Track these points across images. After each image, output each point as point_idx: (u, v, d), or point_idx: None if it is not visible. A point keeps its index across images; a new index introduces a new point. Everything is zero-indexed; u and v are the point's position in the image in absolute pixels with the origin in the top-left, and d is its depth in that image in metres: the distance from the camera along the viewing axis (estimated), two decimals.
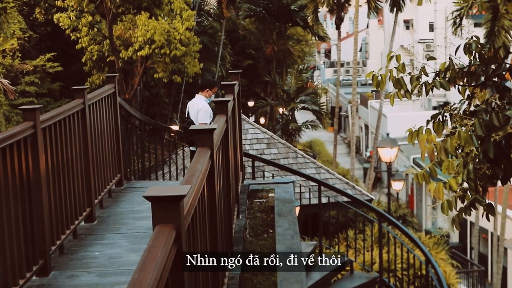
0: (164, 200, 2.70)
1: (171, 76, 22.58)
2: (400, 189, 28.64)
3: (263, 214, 8.30)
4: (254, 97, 41.89)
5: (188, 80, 25.39)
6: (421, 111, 43.70)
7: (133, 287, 2.13)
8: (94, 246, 6.27)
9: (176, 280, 2.76)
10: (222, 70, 34.21)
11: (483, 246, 31.40)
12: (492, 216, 5.18)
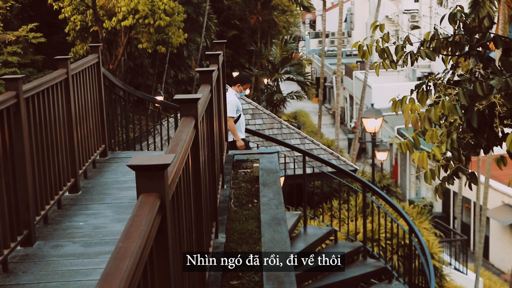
0: (148, 169, 2.70)
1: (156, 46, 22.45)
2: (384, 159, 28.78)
3: (247, 184, 8.32)
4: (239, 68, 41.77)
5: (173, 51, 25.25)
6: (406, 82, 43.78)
7: (118, 255, 2.13)
8: (79, 216, 6.27)
9: (161, 248, 2.76)
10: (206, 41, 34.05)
11: (466, 215, 31.73)
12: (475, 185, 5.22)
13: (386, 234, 12.61)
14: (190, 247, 3.90)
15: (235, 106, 9.61)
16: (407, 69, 46.47)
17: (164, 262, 2.80)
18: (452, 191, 31.65)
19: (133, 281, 2.11)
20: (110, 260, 2.10)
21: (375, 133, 22.30)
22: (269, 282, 5.17)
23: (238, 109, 9.71)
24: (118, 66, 23.24)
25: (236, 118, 9.78)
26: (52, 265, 5.11)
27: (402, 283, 9.96)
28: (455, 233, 27.41)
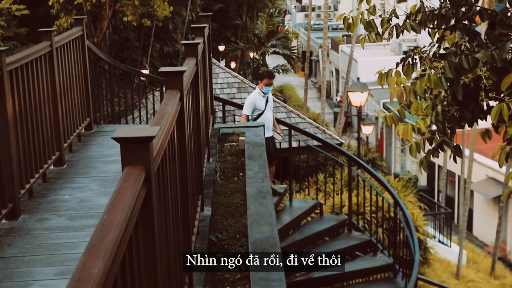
0: (133, 141, 2.68)
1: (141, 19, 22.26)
2: (370, 133, 28.86)
3: (233, 158, 8.32)
4: (225, 41, 41.58)
5: (158, 24, 25.07)
6: (392, 56, 43.74)
7: (103, 227, 2.13)
8: (64, 189, 6.25)
9: (146, 221, 2.76)
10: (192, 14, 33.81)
11: (450, 189, 31.97)
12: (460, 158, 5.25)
13: (371, 208, 12.67)
14: (176, 220, 3.90)
15: (250, 104, 9.66)
16: (393, 43, 46.46)
17: (150, 234, 2.80)
18: (437, 164, 31.84)
19: (118, 253, 2.11)
20: (95, 232, 2.09)
21: (361, 107, 22.33)
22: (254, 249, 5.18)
23: (256, 108, 9.65)
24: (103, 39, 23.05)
25: (255, 117, 9.70)
26: (37, 238, 5.10)
27: (387, 255, 10.03)
28: (440, 206, 27.62)
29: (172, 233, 3.63)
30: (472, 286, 21.53)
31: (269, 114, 9.85)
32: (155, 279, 2.84)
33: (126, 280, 2.30)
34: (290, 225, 10.03)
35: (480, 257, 25.45)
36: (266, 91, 9.66)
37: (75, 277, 1.78)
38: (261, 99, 9.74)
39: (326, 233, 10.56)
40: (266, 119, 9.80)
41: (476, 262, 24.66)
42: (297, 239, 9.89)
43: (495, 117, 4.48)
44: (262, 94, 9.67)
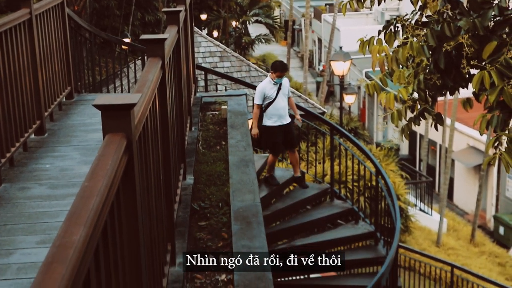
0: (114, 109, 2.66)
1: None
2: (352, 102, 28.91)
3: (215, 126, 8.31)
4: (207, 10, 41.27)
5: None
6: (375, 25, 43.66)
7: (84, 194, 2.12)
8: (45, 158, 6.22)
9: (127, 188, 2.75)
10: None
11: (432, 158, 32.18)
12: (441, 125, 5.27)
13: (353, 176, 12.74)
14: (158, 188, 3.90)
15: (260, 93, 9.57)
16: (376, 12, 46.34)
17: (131, 202, 2.79)
18: (419, 134, 32.00)
19: (100, 220, 2.10)
20: (76, 199, 2.08)
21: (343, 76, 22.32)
22: (237, 222, 5.21)
23: (266, 96, 9.55)
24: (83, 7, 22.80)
25: (265, 106, 9.61)
26: (19, 207, 5.09)
27: (368, 223, 10.11)
28: (421, 175, 27.83)
29: (154, 201, 3.63)
30: (452, 253, 21.79)
31: (281, 102, 9.66)
32: (137, 246, 2.84)
33: (108, 247, 2.29)
34: (273, 194, 10.06)
35: (460, 225, 25.72)
36: (278, 82, 9.54)
37: (56, 244, 1.77)
38: (271, 87, 9.56)
39: (308, 202, 10.60)
40: (279, 107, 9.63)
41: (456, 230, 24.93)
42: (280, 208, 9.93)
43: (476, 85, 4.49)
44: (272, 83, 9.53)
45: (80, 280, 1.79)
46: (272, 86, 9.59)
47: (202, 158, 7.10)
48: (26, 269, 4.11)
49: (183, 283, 4.40)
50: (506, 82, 4.41)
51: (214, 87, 16.22)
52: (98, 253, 2.11)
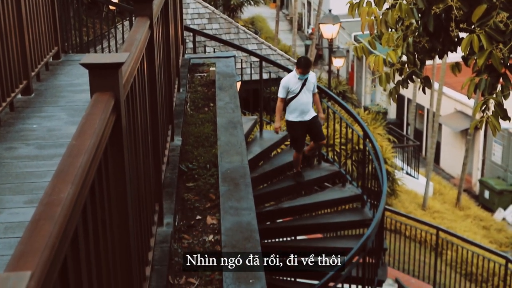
0: (101, 67, 2.65)
1: None
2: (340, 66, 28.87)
3: (204, 88, 8.28)
4: None
5: None
6: None
7: (71, 152, 2.11)
8: (32, 118, 6.19)
9: (115, 147, 2.75)
10: None
11: (419, 122, 32.29)
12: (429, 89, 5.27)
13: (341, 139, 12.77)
14: (146, 149, 3.90)
15: (283, 87, 9.44)
16: None
17: (119, 161, 2.79)
18: (406, 98, 32.05)
19: (87, 179, 2.10)
20: (64, 158, 2.08)
21: (332, 40, 22.23)
22: (224, 184, 5.22)
23: (290, 91, 9.41)
24: None
25: (288, 100, 9.47)
26: (6, 167, 5.07)
27: (355, 186, 10.17)
28: (408, 139, 27.95)
29: (142, 161, 3.63)
30: (438, 216, 21.99)
31: (304, 98, 9.46)
32: (125, 206, 2.85)
33: (95, 205, 2.30)
34: (260, 156, 10.09)
35: (446, 189, 25.93)
36: (301, 78, 9.36)
37: (44, 201, 1.77)
38: (296, 81, 9.40)
39: None
40: (301, 103, 9.45)
41: (442, 193, 25.13)
42: (267, 170, 9.97)
43: (465, 48, 4.49)
44: (297, 77, 9.36)
45: (68, 238, 1.80)
46: (296, 80, 9.41)
47: (190, 119, 7.09)
48: (13, 228, 4.12)
49: (170, 243, 4.42)
50: (495, 46, 4.41)
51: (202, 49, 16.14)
52: (86, 211, 2.12)
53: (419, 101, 29.20)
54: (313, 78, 9.60)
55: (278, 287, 9.17)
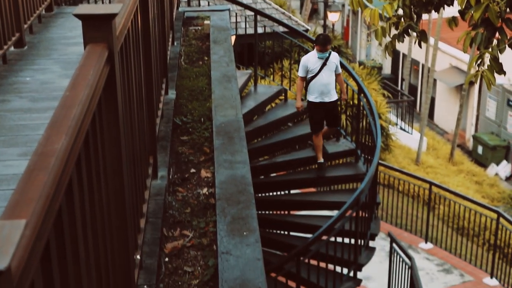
0: (95, 18, 2.62)
1: None
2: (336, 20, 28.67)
3: (198, 42, 8.23)
4: None
5: None
6: None
7: (65, 103, 2.10)
8: (25, 71, 6.15)
9: (109, 99, 2.73)
10: None
11: (414, 77, 32.23)
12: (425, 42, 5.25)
13: None
14: (140, 102, 3.88)
15: (302, 65, 9.12)
16: None
17: (113, 113, 2.78)
18: (402, 53, 31.92)
19: (81, 130, 2.09)
20: (57, 109, 2.07)
21: None
22: (218, 137, 5.22)
23: (309, 70, 9.07)
24: None
25: (308, 79, 9.16)
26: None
27: (350, 141, 10.19)
28: (403, 94, 27.93)
29: (136, 114, 3.62)
30: (431, 171, 22.12)
31: (325, 78, 9.08)
32: (119, 158, 2.85)
33: (90, 157, 2.29)
34: (255, 110, 10.08)
35: (439, 144, 26.02)
36: (321, 56, 8.99)
37: (38, 152, 1.77)
38: (316, 61, 9.04)
39: (290, 119, 10.65)
40: (321, 83, 9.08)
41: (435, 148, 25.23)
42: (261, 124, 9.97)
43: (462, 1, 4.46)
44: (317, 56, 9.01)
45: (62, 189, 1.80)
46: (316, 60, 9.07)
47: (184, 73, 7.05)
48: (8, 180, 4.12)
49: (165, 195, 4.44)
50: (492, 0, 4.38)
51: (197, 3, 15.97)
52: (80, 163, 2.11)
53: (414, 56, 29.09)
54: (336, 58, 9.20)
55: (272, 240, 9.25)
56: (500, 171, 24.88)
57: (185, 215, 4.57)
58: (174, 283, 3.90)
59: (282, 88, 10.95)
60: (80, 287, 2.02)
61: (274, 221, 9.77)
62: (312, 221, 9.36)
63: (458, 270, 13.78)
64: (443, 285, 13.20)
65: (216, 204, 4.23)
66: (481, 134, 26.79)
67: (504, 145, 25.55)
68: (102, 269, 2.42)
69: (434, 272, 13.68)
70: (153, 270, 3.65)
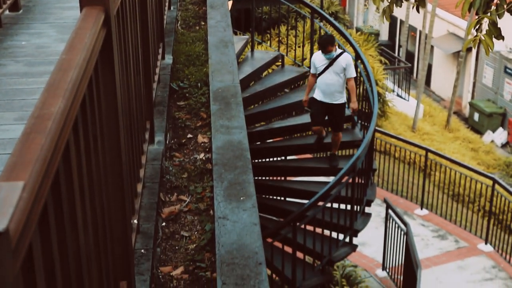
0: None
1: None
2: None
3: (195, 7, 8.17)
4: None
5: None
6: None
7: (61, 66, 2.08)
8: (21, 35, 6.10)
9: (106, 63, 2.72)
10: None
11: (411, 44, 32.10)
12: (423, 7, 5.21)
13: None
14: (136, 66, 3.86)
15: (311, 62, 9.03)
16: None
17: (110, 77, 2.76)
18: (399, 19, 31.75)
19: (78, 93, 2.08)
20: (54, 72, 2.05)
21: None
22: (215, 102, 5.20)
23: (316, 67, 8.91)
24: None
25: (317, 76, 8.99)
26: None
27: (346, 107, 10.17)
28: (400, 61, 27.84)
29: (133, 79, 3.60)
30: (427, 138, 22.15)
31: (328, 79, 8.83)
32: (116, 122, 2.84)
33: (86, 121, 2.28)
34: (252, 76, 10.05)
35: (436, 111, 26.02)
36: (326, 56, 8.76)
37: (35, 115, 1.75)
38: (321, 59, 8.86)
39: (286, 85, 10.62)
40: (324, 83, 8.87)
41: (432, 115, 25.24)
42: (258, 90, 9.95)
43: None
44: (325, 56, 8.80)
45: (59, 152, 1.79)
46: (322, 58, 8.88)
47: (181, 38, 7.01)
48: (4, 145, 4.11)
49: (161, 160, 4.44)
50: None
51: None
52: (77, 126, 2.10)
53: (412, 22, 28.93)
54: (345, 60, 8.85)
55: (268, 206, 9.28)
56: (496, 138, 24.93)
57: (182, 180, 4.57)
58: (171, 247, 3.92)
59: (279, 54, 10.90)
60: (78, 250, 2.03)
61: (270, 187, 9.80)
62: (308, 187, 9.39)
63: (453, 236, 13.88)
64: (438, 250, 13.31)
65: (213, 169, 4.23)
66: (477, 101, 26.78)
67: (500, 112, 25.57)
68: (99, 232, 2.42)
69: (429, 238, 13.77)
70: (150, 234, 3.66)
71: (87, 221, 2.20)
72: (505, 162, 22.66)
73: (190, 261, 3.78)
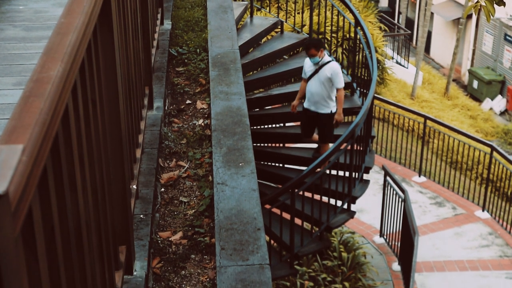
0: None
1: None
2: None
3: None
4: None
5: None
6: None
7: (60, 30, 2.07)
8: (18, 0, 6.05)
9: (105, 27, 2.70)
10: None
11: (411, 11, 31.91)
12: None
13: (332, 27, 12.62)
14: (135, 31, 3.84)
15: (303, 68, 8.77)
16: None
17: (109, 41, 2.75)
18: None
19: (77, 57, 2.07)
20: (53, 35, 2.04)
21: None
22: (214, 68, 5.19)
23: (304, 71, 8.68)
24: None
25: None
26: None
27: (345, 74, 10.14)
28: (399, 28, 27.69)
29: (131, 44, 3.58)
30: (426, 105, 22.12)
31: (313, 87, 8.55)
32: (115, 86, 2.83)
33: (85, 85, 2.28)
34: (250, 42, 9.99)
35: (435, 78, 25.95)
36: (312, 61, 8.48)
37: (33, 78, 1.75)
38: (310, 65, 8.61)
39: (285, 51, 10.56)
40: (310, 90, 8.62)
41: (431, 83, 25.18)
42: (257, 57, 9.90)
43: None
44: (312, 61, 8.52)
45: (59, 116, 1.78)
46: (310, 64, 8.62)
47: (179, 3, 6.96)
48: (3, 110, 4.10)
49: (160, 126, 4.44)
50: None
51: None
52: (76, 90, 2.10)
53: None
54: (330, 70, 8.47)
55: (266, 172, 9.30)
56: (494, 106, 24.91)
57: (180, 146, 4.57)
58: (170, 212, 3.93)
59: (278, 20, 10.83)
60: (77, 214, 2.04)
61: (269, 153, 9.81)
62: (307, 154, 9.40)
63: (451, 203, 13.94)
64: (436, 217, 13.37)
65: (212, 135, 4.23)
66: (476, 68, 26.70)
67: (500, 80, 25.50)
68: (99, 197, 2.43)
69: (426, 205, 13.83)
70: (149, 200, 3.67)
71: (86, 185, 2.20)
72: (504, 130, 22.68)
73: (189, 227, 3.80)
